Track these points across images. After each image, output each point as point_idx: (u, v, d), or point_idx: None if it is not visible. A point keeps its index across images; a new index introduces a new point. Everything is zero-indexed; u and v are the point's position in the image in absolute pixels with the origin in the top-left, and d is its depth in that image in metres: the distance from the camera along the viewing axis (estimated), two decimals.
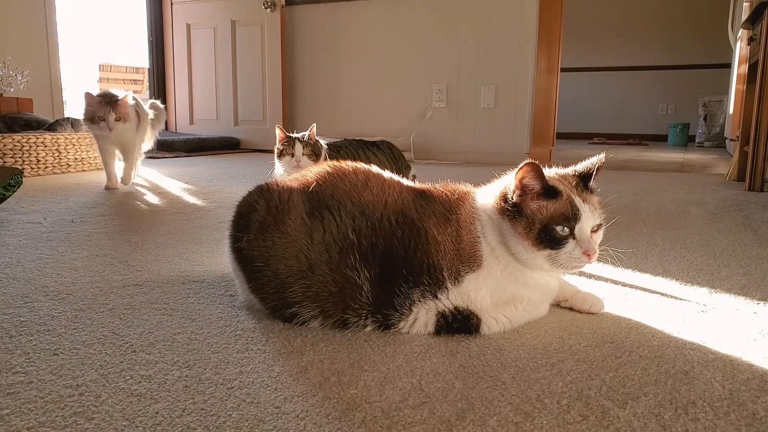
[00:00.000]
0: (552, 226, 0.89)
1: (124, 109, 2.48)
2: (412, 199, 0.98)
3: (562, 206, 0.91)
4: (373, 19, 4.60)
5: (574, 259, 0.90)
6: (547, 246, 0.90)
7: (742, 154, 3.04)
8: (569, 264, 0.91)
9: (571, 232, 0.90)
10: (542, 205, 0.91)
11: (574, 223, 0.90)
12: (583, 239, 0.90)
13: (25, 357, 0.85)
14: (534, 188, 0.92)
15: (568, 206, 0.90)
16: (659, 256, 1.49)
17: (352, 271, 0.91)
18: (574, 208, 0.90)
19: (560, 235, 0.90)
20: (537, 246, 0.90)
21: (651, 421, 0.68)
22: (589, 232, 0.91)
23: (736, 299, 1.14)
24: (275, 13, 4.71)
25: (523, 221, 0.91)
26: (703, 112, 6.94)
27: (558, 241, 0.90)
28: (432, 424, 0.67)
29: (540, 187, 0.91)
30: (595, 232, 0.93)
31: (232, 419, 0.68)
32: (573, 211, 0.90)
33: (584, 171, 0.98)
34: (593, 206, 0.93)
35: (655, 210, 2.21)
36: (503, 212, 0.93)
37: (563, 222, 0.90)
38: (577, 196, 0.92)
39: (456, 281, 0.92)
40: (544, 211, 0.91)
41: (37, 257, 1.42)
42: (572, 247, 0.90)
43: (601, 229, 0.95)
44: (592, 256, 0.90)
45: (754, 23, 3.06)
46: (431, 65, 4.44)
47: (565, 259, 0.90)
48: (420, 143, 4.47)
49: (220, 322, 1.00)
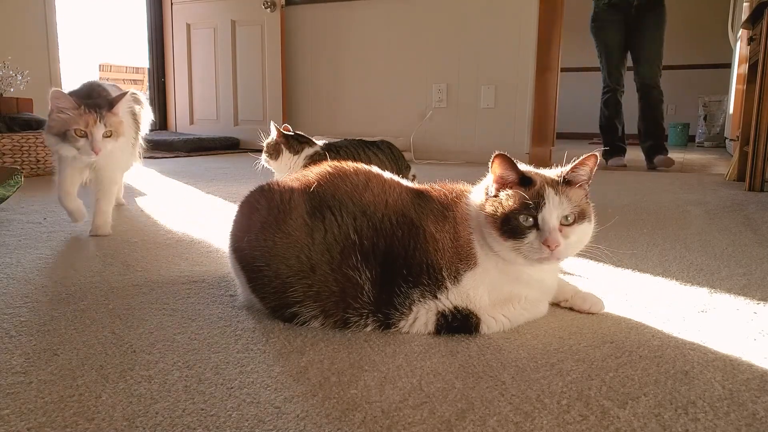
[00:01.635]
0: (514, 215, 0.89)
1: (119, 117, 1.61)
2: (410, 199, 0.98)
3: (526, 195, 0.89)
4: (373, 19, 4.60)
5: (534, 249, 0.88)
6: (510, 236, 0.89)
7: (742, 154, 3.04)
8: (531, 255, 0.89)
9: (536, 222, 0.89)
10: (508, 195, 0.91)
11: (536, 212, 0.88)
12: (544, 229, 0.88)
13: (25, 357, 0.85)
14: (509, 178, 0.92)
15: (533, 195, 0.89)
16: (659, 256, 1.49)
17: (353, 271, 0.91)
18: (538, 197, 0.89)
19: (522, 225, 0.89)
20: (501, 236, 0.90)
21: (651, 421, 0.68)
22: (556, 223, 0.88)
23: (736, 299, 1.14)
24: (275, 13, 4.71)
25: (491, 211, 0.91)
26: (703, 112, 6.94)
27: (519, 231, 0.89)
28: (432, 424, 0.67)
29: (515, 177, 0.92)
30: (569, 226, 0.90)
31: (232, 419, 0.68)
32: (536, 199, 0.89)
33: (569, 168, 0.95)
34: (567, 198, 0.90)
35: (655, 210, 2.21)
36: (482, 205, 0.94)
37: (524, 211, 0.89)
38: (549, 187, 0.90)
39: (455, 280, 0.92)
40: (508, 201, 0.91)
41: (37, 257, 1.42)
42: (533, 238, 0.89)
43: (583, 223, 0.92)
44: (552, 246, 0.87)
45: (754, 23, 3.06)
46: (431, 65, 4.44)
47: (527, 249, 0.89)
48: (420, 143, 4.47)
49: (220, 322, 1.00)
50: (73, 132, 1.52)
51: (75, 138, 1.52)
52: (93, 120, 1.53)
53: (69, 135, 1.52)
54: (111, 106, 1.58)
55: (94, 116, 1.53)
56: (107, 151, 1.57)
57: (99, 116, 1.54)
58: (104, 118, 1.55)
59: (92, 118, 1.53)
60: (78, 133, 1.52)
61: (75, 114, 1.52)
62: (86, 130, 1.52)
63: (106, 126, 1.55)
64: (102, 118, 1.54)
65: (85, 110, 1.53)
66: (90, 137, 1.53)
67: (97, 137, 1.53)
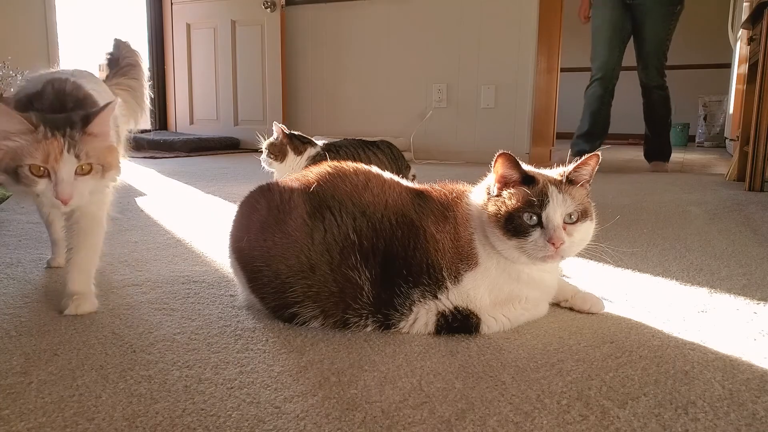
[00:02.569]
0: (518, 214, 0.89)
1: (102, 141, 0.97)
2: (410, 200, 0.98)
3: (530, 193, 0.90)
4: (374, 19, 4.60)
5: (539, 248, 0.88)
6: (514, 235, 0.89)
7: (742, 154, 3.04)
8: (535, 253, 0.89)
9: (540, 221, 0.89)
10: (512, 193, 0.91)
11: (540, 210, 0.89)
12: (548, 227, 0.88)
13: (25, 358, 0.85)
14: (512, 178, 0.92)
15: (537, 193, 0.89)
16: (659, 256, 1.49)
17: (353, 272, 0.91)
18: (542, 195, 0.89)
19: (526, 224, 0.89)
20: (505, 235, 0.90)
21: (651, 421, 0.68)
22: (560, 221, 0.89)
23: (736, 299, 1.14)
24: (275, 13, 4.71)
25: (494, 210, 0.91)
26: (703, 112, 6.94)
27: (523, 229, 0.89)
28: (432, 424, 0.67)
29: (518, 176, 0.92)
30: (572, 224, 0.90)
31: (232, 419, 0.68)
32: (540, 198, 0.89)
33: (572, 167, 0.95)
34: (571, 197, 0.90)
35: (655, 210, 2.21)
36: (484, 205, 0.94)
37: (529, 209, 0.89)
38: (552, 186, 0.90)
39: (455, 280, 0.92)
40: (512, 199, 0.91)
41: (37, 257, 1.42)
42: (537, 236, 0.89)
43: (586, 222, 0.92)
44: (557, 244, 0.87)
45: (754, 23, 3.06)
46: (431, 65, 4.44)
47: (531, 247, 0.89)
48: (420, 143, 4.47)
49: (220, 322, 1.00)
50: (27, 170, 0.90)
51: (30, 178, 0.91)
52: (57, 149, 0.91)
53: (22, 174, 0.91)
54: (86, 123, 0.94)
55: (59, 143, 0.91)
56: (82, 195, 0.95)
57: (68, 142, 0.92)
58: (77, 145, 0.92)
59: (56, 146, 0.91)
60: (35, 171, 0.91)
61: (28, 140, 0.90)
62: (47, 167, 0.91)
63: (80, 157, 0.93)
64: (73, 144, 0.92)
65: (46, 133, 0.90)
66: (54, 178, 0.91)
67: (63, 176, 0.91)
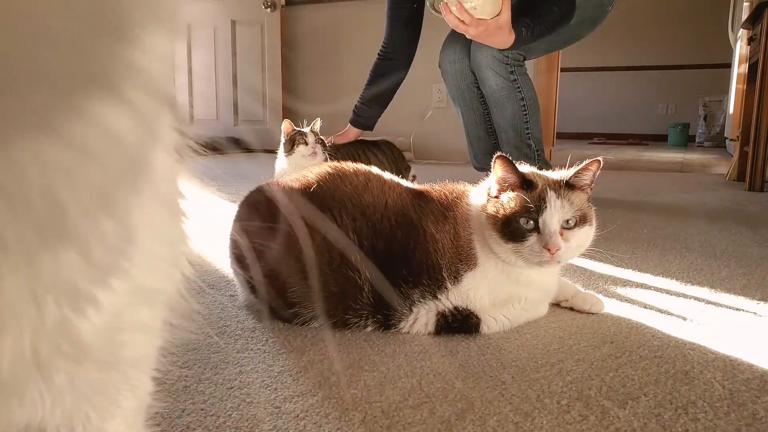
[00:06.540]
0: (515, 218, 0.89)
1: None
2: (410, 200, 0.98)
3: (527, 198, 0.90)
4: (374, 19, 4.59)
5: (535, 253, 0.89)
6: (511, 239, 0.89)
7: (742, 154, 3.04)
8: (531, 258, 0.89)
9: (536, 225, 0.89)
10: (510, 197, 0.92)
11: (537, 215, 0.89)
12: (545, 233, 0.88)
13: None
14: (510, 180, 0.92)
15: (535, 199, 0.89)
16: (659, 256, 1.49)
17: (353, 272, 0.91)
18: (539, 201, 0.89)
19: (523, 228, 0.89)
20: (502, 238, 0.90)
21: (651, 421, 0.68)
22: (557, 226, 0.89)
23: (736, 299, 1.14)
24: (275, 13, 4.71)
25: (492, 213, 0.92)
26: (703, 112, 6.94)
27: (520, 234, 0.89)
28: (432, 424, 0.67)
29: (516, 179, 0.92)
30: (569, 230, 0.90)
31: (231, 419, 0.68)
32: (538, 203, 0.89)
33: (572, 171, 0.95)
34: (569, 202, 0.90)
35: (655, 210, 2.21)
36: (484, 206, 0.94)
37: (525, 214, 0.89)
38: (551, 190, 0.90)
39: (455, 281, 0.92)
40: (510, 203, 0.91)
41: None
42: (534, 241, 0.89)
43: (584, 227, 0.92)
44: (552, 250, 0.87)
45: (754, 23, 3.06)
46: (431, 65, 4.42)
47: (528, 252, 0.89)
48: (420, 143, 4.47)
49: (220, 322, 1.00)
50: None
51: None
52: None
53: None
54: None
55: None
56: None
57: None
58: None
59: None
60: None
61: None
62: None
63: None
64: None
65: None
66: None
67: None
